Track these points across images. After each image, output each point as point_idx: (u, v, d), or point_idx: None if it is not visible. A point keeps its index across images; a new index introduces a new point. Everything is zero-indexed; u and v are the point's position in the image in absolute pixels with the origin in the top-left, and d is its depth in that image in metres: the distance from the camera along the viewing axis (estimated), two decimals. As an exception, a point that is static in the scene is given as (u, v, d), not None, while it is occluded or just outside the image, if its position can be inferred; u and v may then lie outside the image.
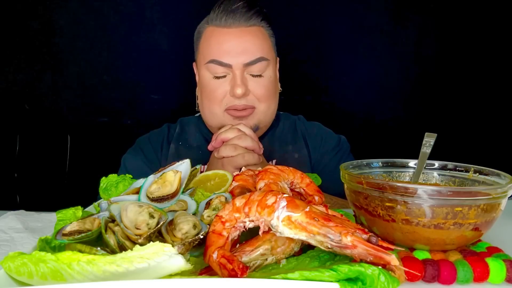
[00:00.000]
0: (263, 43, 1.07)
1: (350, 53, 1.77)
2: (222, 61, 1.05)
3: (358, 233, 0.50)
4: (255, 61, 1.05)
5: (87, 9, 1.73)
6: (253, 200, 0.56)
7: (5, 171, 1.77)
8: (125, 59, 1.76)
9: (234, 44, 1.05)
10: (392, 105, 1.80)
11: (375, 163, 0.79)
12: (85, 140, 1.80)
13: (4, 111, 1.76)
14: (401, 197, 0.60)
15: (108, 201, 0.66)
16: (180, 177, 0.67)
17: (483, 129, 1.76)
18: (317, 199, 0.72)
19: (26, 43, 1.74)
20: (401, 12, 1.75)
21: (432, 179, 0.77)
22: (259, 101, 1.08)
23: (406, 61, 1.78)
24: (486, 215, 0.60)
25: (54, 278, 0.47)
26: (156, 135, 1.22)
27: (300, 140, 1.21)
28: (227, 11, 1.05)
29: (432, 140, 0.77)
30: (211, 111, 1.10)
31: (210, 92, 1.08)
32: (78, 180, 1.78)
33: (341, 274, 0.46)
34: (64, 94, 1.77)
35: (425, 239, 0.61)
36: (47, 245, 0.59)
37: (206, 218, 0.62)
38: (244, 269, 0.49)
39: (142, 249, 0.47)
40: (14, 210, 0.93)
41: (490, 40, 1.74)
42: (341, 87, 1.79)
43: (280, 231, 0.52)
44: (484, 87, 1.76)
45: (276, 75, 1.14)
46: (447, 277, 0.56)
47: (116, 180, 0.79)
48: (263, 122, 1.12)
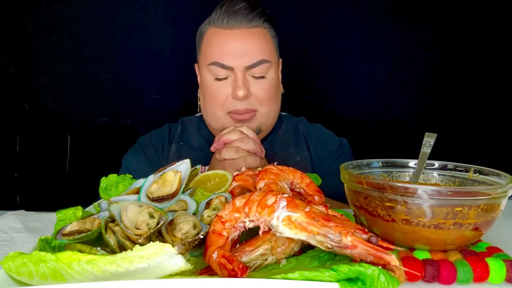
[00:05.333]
0: (265, 45, 1.07)
1: (351, 53, 1.77)
2: (224, 63, 1.04)
3: (358, 233, 0.50)
4: (257, 64, 1.05)
5: (87, 9, 1.73)
6: (253, 200, 0.56)
7: (5, 171, 1.77)
8: (125, 59, 1.76)
9: (236, 46, 1.04)
10: (392, 105, 1.79)
11: (375, 163, 0.79)
12: (85, 140, 1.80)
13: (4, 111, 1.76)
14: (401, 197, 0.60)
15: (108, 201, 0.66)
16: (180, 177, 0.67)
17: (483, 129, 1.76)
18: (317, 199, 0.72)
19: (26, 43, 1.74)
20: (402, 13, 1.75)
21: (432, 179, 0.77)
22: (261, 103, 1.08)
23: (407, 62, 1.77)
24: (486, 215, 0.60)
25: (54, 278, 0.47)
26: (157, 135, 1.21)
27: (302, 142, 1.20)
28: (229, 13, 1.04)
29: (432, 140, 0.77)
30: (213, 114, 1.10)
31: (212, 94, 1.08)
32: (78, 180, 1.78)
33: (341, 274, 0.46)
34: (64, 94, 1.77)
35: (425, 239, 0.61)
36: (47, 245, 0.59)
37: (206, 218, 0.62)
38: (244, 269, 0.49)
39: (142, 249, 0.47)
40: (14, 210, 0.93)
41: (490, 40, 1.74)
42: (342, 87, 1.79)
43: (280, 231, 0.52)
44: (484, 87, 1.76)
45: (278, 77, 1.14)
46: (447, 277, 0.56)
47: (116, 180, 0.79)
48: (265, 125, 1.11)
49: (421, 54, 1.77)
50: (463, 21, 1.74)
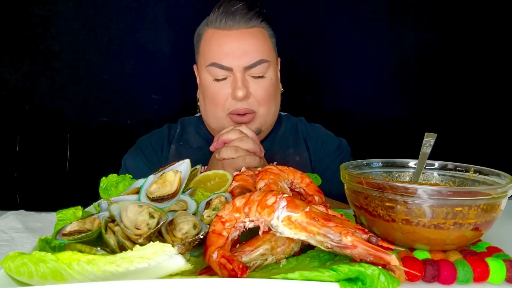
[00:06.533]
0: (263, 44, 1.07)
1: (351, 53, 1.77)
2: (223, 64, 1.05)
3: (358, 233, 0.50)
4: (255, 64, 1.05)
5: (87, 8, 1.73)
6: (253, 200, 0.56)
7: (5, 171, 1.77)
8: (125, 59, 1.76)
9: (235, 47, 1.04)
10: (392, 105, 1.79)
11: (375, 163, 0.79)
12: (85, 140, 1.80)
13: (4, 111, 1.76)
14: (401, 197, 0.60)
15: (108, 201, 0.66)
16: (180, 177, 0.67)
17: (483, 129, 1.76)
18: (317, 199, 0.72)
19: (26, 42, 1.74)
20: (401, 13, 1.75)
21: (432, 179, 0.77)
22: (260, 104, 1.08)
23: (407, 62, 1.77)
24: (486, 215, 0.60)
25: (54, 278, 0.47)
26: (156, 136, 1.22)
27: (301, 142, 1.20)
28: (227, 13, 1.04)
29: (432, 140, 0.77)
30: (214, 115, 1.10)
31: (211, 95, 1.08)
32: (78, 180, 1.78)
33: (341, 274, 0.46)
34: (64, 94, 1.77)
35: (425, 239, 0.61)
36: (47, 245, 0.59)
37: (206, 218, 0.62)
38: (244, 269, 0.49)
39: (142, 249, 0.47)
40: (14, 210, 0.93)
41: (490, 40, 1.74)
42: (342, 87, 1.79)
43: (280, 231, 0.52)
44: (484, 87, 1.76)
45: (277, 76, 1.14)
46: (447, 277, 0.56)
47: (116, 180, 0.79)
48: (264, 125, 1.12)
49: (421, 54, 1.77)
50: (463, 22, 1.74)
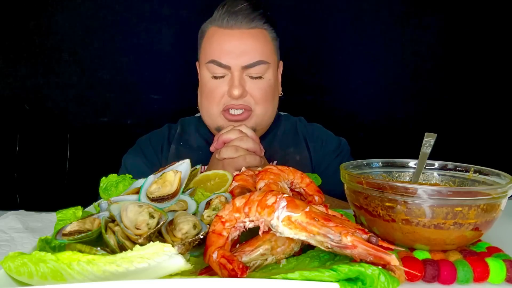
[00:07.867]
0: (264, 46, 1.08)
1: (351, 53, 1.77)
2: (221, 62, 1.05)
3: (358, 233, 0.50)
4: (254, 64, 1.06)
5: (87, 9, 1.73)
6: (253, 200, 0.56)
7: (5, 171, 1.77)
8: (125, 59, 1.76)
9: (234, 46, 1.05)
10: (392, 105, 1.80)
11: (375, 163, 0.79)
12: (85, 140, 1.80)
13: (4, 111, 1.76)
14: (401, 197, 0.60)
15: (108, 201, 0.65)
16: (180, 177, 0.67)
17: (483, 129, 1.76)
18: (317, 199, 0.72)
19: (26, 42, 1.74)
20: (401, 13, 1.75)
21: (432, 179, 0.77)
22: (256, 103, 1.08)
23: (406, 62, 1.78)
24: (486, 215, 0.60)
25: (54, 278, 0.47)
26: (156, 136, 1.22)
27: (301, 142, 1.20)
28: (230, 13, 1.05)
29: (432, 140, 0.77)
30: (208, 111, 1.11)
31: (209, 91, 1.09)
32: (78, 180, 1.78)
33: (341, 274, 0.46)
34: (64, 94, 1.77)
35: (425, 239, 0.61)
36: (47, 245, 0.59)
37: (206, 218, 0.62)
38: (244, 269, 0.49)
39: (142, 249, 0.47)
40: (14, 210, 0.93)
41: (490, 40, 1.74)
42: (342, 87, 1.79)
43: (280, 231, 0.52)
44: (484, 87, 1.76)
45: (277, 79, 1.14)
46: (447, 277, 0.56)
47: (116, 180, 0.79)
48: (259, 125, 1.12)
49: (421, 54, 1.77)
50: (463, 22, 1.74)
